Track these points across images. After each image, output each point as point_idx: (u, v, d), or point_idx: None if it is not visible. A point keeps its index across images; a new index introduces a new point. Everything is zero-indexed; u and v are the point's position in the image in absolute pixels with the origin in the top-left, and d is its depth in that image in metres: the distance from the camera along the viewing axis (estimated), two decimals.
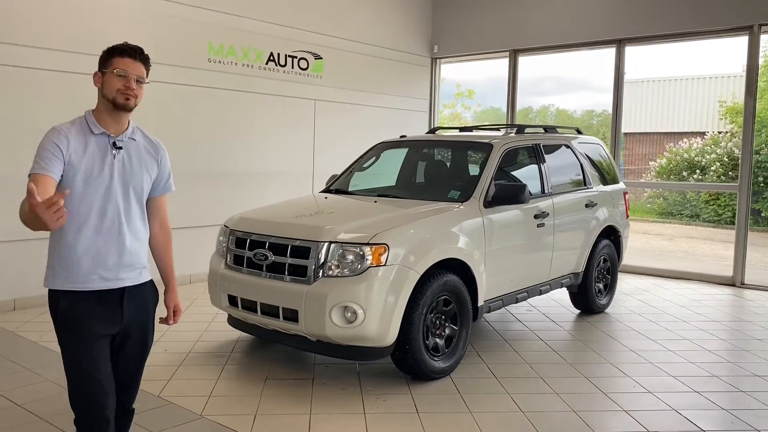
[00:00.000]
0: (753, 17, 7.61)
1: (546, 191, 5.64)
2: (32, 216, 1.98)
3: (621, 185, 6.93)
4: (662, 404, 4.09)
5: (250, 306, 4.49)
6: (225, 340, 5.26)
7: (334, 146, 8.82)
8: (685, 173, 16.25)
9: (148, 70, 2.53)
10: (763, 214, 15.96)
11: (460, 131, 6.68)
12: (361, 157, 6.08)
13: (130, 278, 2.52)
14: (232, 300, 4.63)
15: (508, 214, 5.08)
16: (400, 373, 4.47)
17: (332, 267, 4.14)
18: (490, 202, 4.92)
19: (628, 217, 6.91)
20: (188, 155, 7.21)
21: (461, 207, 4.80)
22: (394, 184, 5.99)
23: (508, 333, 5.65)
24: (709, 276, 8.31)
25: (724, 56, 22.87)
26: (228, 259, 4.70)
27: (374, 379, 4.44)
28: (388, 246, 4.11)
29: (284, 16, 8.18)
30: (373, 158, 6.04)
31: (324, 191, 5.79)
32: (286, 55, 8.24)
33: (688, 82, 19.63)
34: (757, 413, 3.98)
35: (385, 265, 4.09)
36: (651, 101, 19.67)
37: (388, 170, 6.16)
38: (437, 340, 4.46)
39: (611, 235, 6.54)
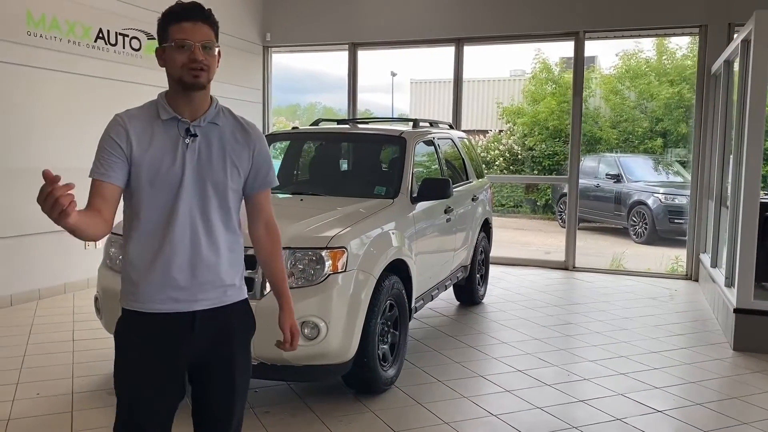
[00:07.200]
0: (578, 24, 8.36)
1: None
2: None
3: (486, 179, 7.15)
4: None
5: None
6: (104, 373, 4.30)
7: None
8: None
9: (216, 32, 2.02)
10: (538, 203, 17.98)
11: (338, 124, 6.31)
12: None
13: (209, 299, 2.02)
14: None
15: (430, 209, 4.89)
16: (336, 389, 4.05)
17: None
18: (416, 198, 4.68)
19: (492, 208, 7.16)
20: None
21: (393, 203, 4.49)
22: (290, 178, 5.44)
23: (415, 333, 5.46)
24: (543, 261, 9.01)
25: (496, 62, 25.34)
26: None
27: (317, 400, 3.95)
28: (347, 249, 3.67)
29: None
30: None
31: None
32: (116, 33, 7.07)
33: (469, 84, 21.29)
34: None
35: (345, 271, 3.64)
36: (440, 101, 20.95)
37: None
38: (385, 347, 4.12)
39: (484, 227, 6.70)
